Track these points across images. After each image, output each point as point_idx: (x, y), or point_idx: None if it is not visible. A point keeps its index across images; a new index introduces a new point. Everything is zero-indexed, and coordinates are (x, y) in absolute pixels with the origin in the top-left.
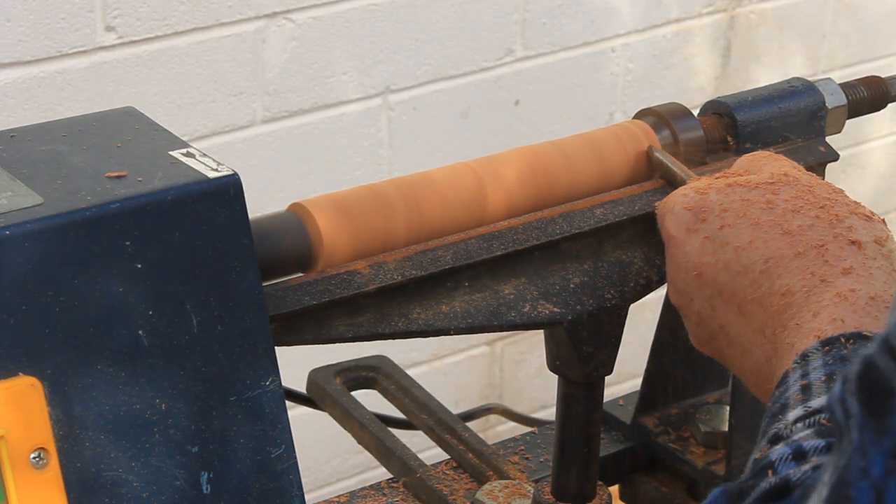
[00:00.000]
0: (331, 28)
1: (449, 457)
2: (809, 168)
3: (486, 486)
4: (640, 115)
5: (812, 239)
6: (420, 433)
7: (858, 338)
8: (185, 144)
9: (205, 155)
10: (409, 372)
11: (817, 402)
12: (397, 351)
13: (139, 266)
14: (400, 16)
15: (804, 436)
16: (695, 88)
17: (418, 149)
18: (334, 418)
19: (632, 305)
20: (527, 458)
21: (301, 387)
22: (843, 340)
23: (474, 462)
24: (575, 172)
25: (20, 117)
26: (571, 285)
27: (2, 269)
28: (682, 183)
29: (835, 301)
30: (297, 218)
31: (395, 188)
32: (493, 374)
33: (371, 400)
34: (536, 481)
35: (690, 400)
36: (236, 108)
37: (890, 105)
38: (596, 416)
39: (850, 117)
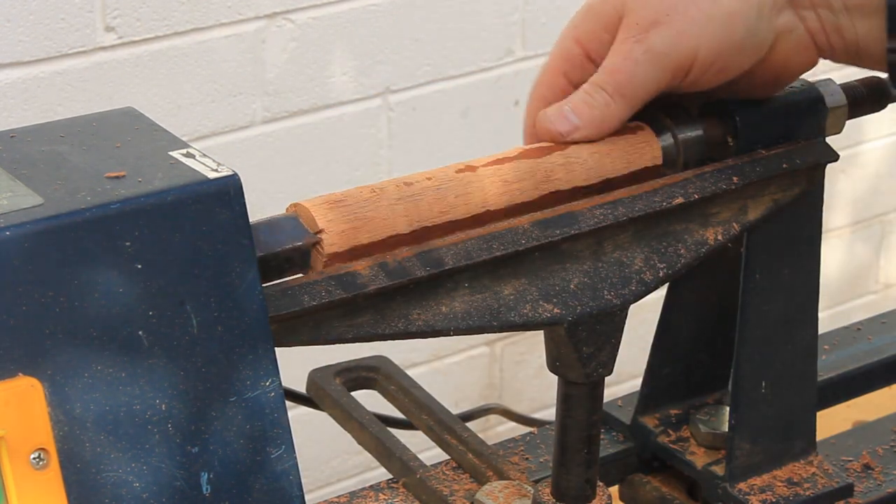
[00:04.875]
0: (330, 28)
1: (449, 457)
2: (809, 168)
3: (486, 487)
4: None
5: None
6: (420, 433)
7: None
8: (185, 145)
9: (205, 155)
10: (409, 372)
11: None
12: (397, 351)
13: (139, 266)
14: (400, 16)
15: None
16: None
17: (418, 149)
18: (334, 418)
19: (632, 305)
20: (527, 459)
21: (301, 387)
22: None
23: (474, 462)
24: (574, 173)
25: (20, 117)
26: (571, 286)
27: (2, 269)
28: None
29: None
30: (296, 218)
31: (396, 188)
32: (493, 375)
33: (371, 400)
34: (536, 482)
35: (690, 400)
36: (236, 108)
37: (890, 105)
38: (596, 416)
39: (850, 117)
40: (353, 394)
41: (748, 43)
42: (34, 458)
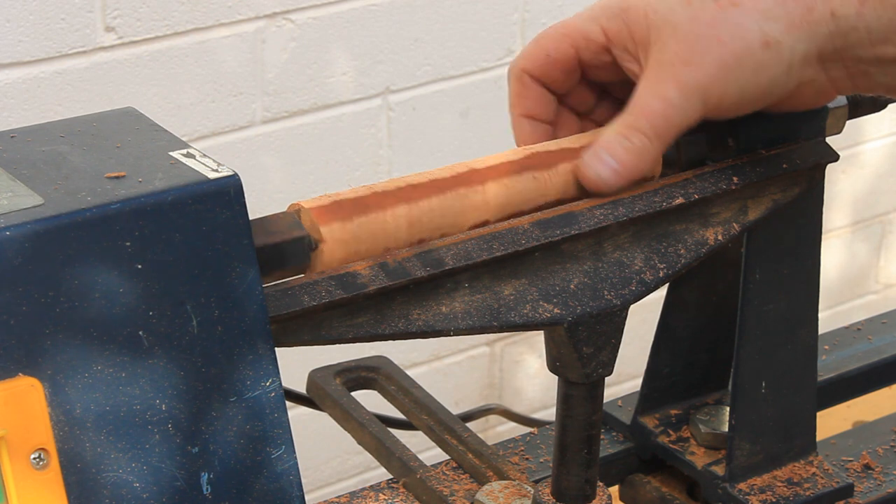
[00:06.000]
0: (330, 28)
1: (449, 457)
2: (809, 168)
3: (486, 487)
4: None
5: None
6: (420, 433)
7: None
8: (185, 145)
9: (205, 155)
10: (409, 372)
11: None
12: (397, 351)
13: (139, 266)
14: (400, 16)
15: None
16: None
17: (418, 149)
18: (334, 419)
19: (632, 305)
20: (527, 459)
21: (301, 387)
22: None
23: (474, 463)
24: (574, 186)
25: (20, 117)
26: (571, 286)
27: (2, 269)
28: None
29: None
30: (296, 218)
31: (396, 188)
32: (493, 375)
33: (371, 400)
34: (536, 482)
35: (690, 400)
36: (236, 108)
37: (890, 105)
38: (596, 416)
39: (850, 118)
40: (353, 394)
41: (770, 91)
42: (34, 458)
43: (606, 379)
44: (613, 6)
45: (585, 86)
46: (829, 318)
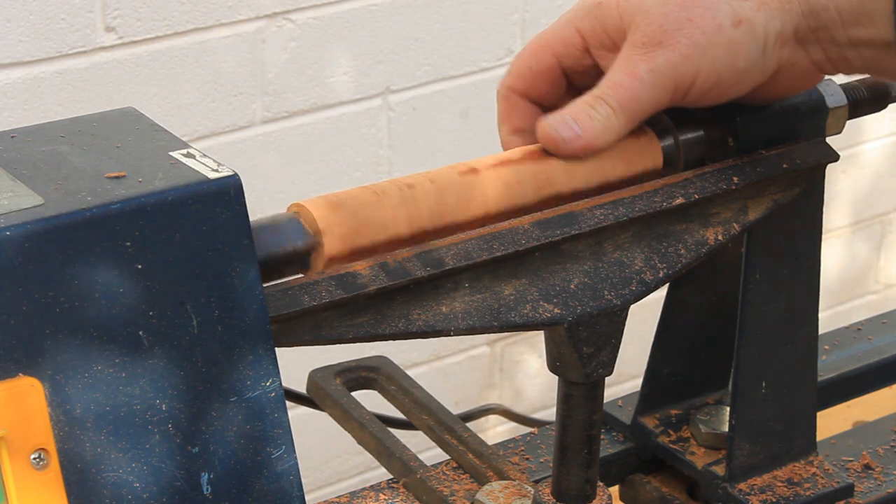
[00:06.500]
0: (330, 28)
1: (449, 457)
2: (809, 168)
3: (486, 487)
4: None
5: None
6: (420, 433)
7: None
8: (185, 145)
9: (205, 155)
10: (410, 372)
11: None
12: (397, 351)
13: (139, 266)
14: (400, 16)
15: None
16: None
17: (418, 149)
18: (334, 418)
19: (632, 306)
20: (527, 459)
21: (301, 387)
22: None
23: (474, 463)
24: (575, 172)
25: (20, 117)
26: (572, 286)
27: (2, 269)
28: None
29: None
30: (297, 218)
31: (396, 189)
32: (493, 375)
33: (371, 400)
34: (536, 482)
35: (690, 400)
36: (236, 108)
37: (890, 105)
38: (596, 416)
39: (850, 118)
40: (353, 394)
41: (749, 72)
42: (34, 458)
43: (606, 379)
44: (587, 5)
45: (574, 94)
46: (829, 318)
